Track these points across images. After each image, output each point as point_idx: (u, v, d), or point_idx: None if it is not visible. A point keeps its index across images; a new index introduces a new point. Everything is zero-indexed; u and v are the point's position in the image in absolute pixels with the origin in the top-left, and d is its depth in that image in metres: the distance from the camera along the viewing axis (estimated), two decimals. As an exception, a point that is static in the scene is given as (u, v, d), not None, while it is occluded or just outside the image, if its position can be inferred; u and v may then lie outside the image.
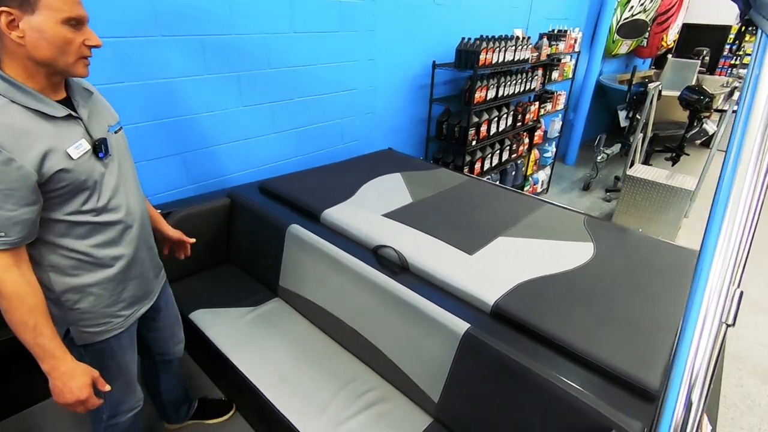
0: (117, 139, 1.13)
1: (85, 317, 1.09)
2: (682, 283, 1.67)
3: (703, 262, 0.47)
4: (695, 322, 0.46)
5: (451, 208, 2.12)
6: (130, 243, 1.14)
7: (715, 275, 0.46)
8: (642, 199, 3.66)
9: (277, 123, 2.52)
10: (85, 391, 1.02)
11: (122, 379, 1.23)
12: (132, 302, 1.19)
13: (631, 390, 1.22)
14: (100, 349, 1.15)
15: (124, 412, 1.28)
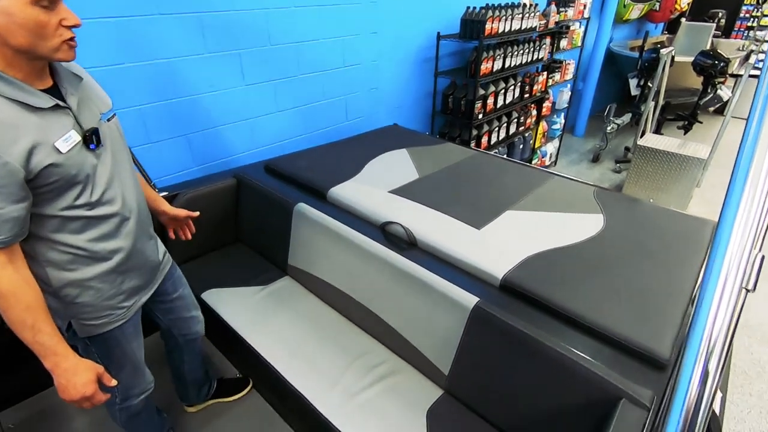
0: (110, 127, 1.07)
1: (87, 310, 1.08)
2: (693, 253, 1.65)
3: (724, 226, 0.46)
4: (714, 287, 0.45)
5: (458, 182, 2.10)
6: (127, 236, 1.10)
7: (736, 239, 0.44)
8: (653, 169, 3.60)
9: (280, 101, 2.49)
10: (90, 387, 1.00)
11: (129, 366, 1.24)
12: (133, 293, 1.17)
13: (642, 359, 1.23)
14: (104, 340, 1.15)
15: (135, 396, 1.31)
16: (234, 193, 2.15)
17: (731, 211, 0.45)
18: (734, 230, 0.45)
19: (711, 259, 0.46)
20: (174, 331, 1.45)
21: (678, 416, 0.45)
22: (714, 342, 0.45)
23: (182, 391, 1.68)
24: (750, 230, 0.44)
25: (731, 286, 0.45)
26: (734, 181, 0.46)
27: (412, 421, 1.38)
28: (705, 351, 0.45)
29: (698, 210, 3.96)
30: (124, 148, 1.14)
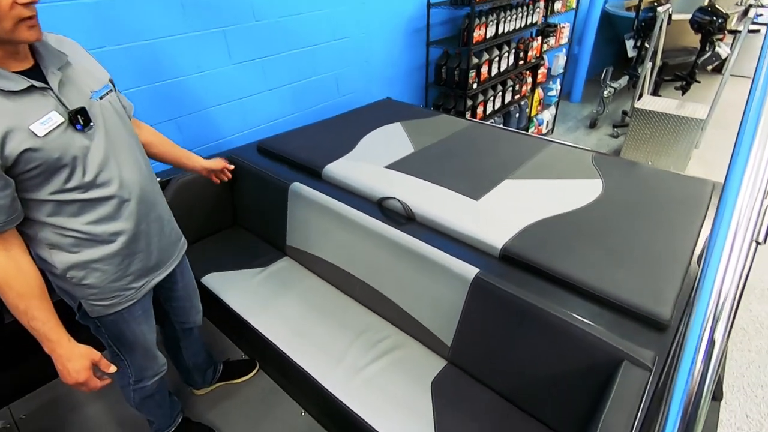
0: (103, 105, 1.02)
1: (94, 292, 1.08)
2: (693, 213, 1.64)
3: (734, 174, 0.44)
4: (724, 240, 0.43)
5: (454, 154, 2.07)
6: (129, 218, 1.07)
7: (747, 188, 0.43)
8: (651, 131, 3.55)
9: (270, 79, 2.43)
10: (82, 374, 1.01)
11: (140, 348, 1.25)
12: (142, 274, 1.16)
13: (643, 321, 1.23)
14: (113, 321, 1.15)
15: (149, 377, 1.33)
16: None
17: (741, 159, 0.44)
18: (744, 179, 0.43)
19: (720, 211, 0.44)
20: (172, 318, 1.46)
21: (687, 373, 0.45)
22: (724, 298, 0.44)
23: (186, 376, 1.70)
24: (761, 178, 0.43)
25: (741, 239, 0.43)
26: (744, 126, 0.44)
27: (417, 393, 1.40)
28: (714, 307, 0.44)
29: (697, 171, 3.93)
30: (123, 127, 1.08)
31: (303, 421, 1.66)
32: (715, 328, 0.44)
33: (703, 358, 0.44)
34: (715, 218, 0.46)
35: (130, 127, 1.12)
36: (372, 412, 1.33)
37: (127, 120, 1.12)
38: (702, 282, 0.45)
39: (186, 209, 1.39)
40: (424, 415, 1.34)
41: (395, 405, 1.36)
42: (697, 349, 0.44)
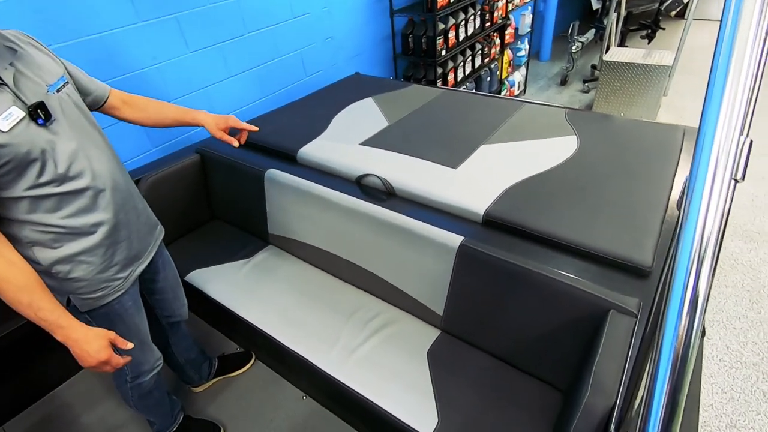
0: (62, 98, 1.00)
1: (82, 285, 1.08)
2: (667, 160, 1.67)
3: (709, 115, 0.43)
4: (704, 180, 0.43)
5: (429, 124, 2.05)
6: (107, 208, 1.07)
7: (723, 127, 0.42)
8: (620, 83, 3.58)
9: (231, 65, 2.34)
10: (104, 353, 1.02)
11: (136, 341, 1.24)
12: (126, 264, 1.16)
13: (626, 270, 1.26)
14: (104, 314, 1.15)
15: (146, 372, 1.32)
16: (200, 169, 2.06)
17: (716, 97, 0.43)
18: (720, 117, 0.42)
19: (698, 151, 0.44)
20: (157, 312, 1.44)
21: (676, 315, 0.45)
22: (708, 237, 0.44)
23: (182, 374, 1.68)
24: (736, 116, 0.42)
25: (721, 177, 0.43)
26: (716, 64, 0.43)
27: (414, 365, 1.42)
28: (699, 246, 0.44)
29: (667, 117, 4.00)
30: (85, 118, 1.07)
31: (305, 404, 1.67)
32: (701, 269, 0.44)
33: (691, 298, 0.44)
34: (693, 159, 0.45)
35: (92, 118, 1.11)
36: (371, 388, 1.35)
37: (88, 112, 1.11)
38: (684, 224, 0.45)
39: (160, 207, 1.35)
40: (423, 385, 1.36)
41: (394, 379, 1.38)
42: (684, 290, 0.45)
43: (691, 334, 0.44)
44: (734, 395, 1.83)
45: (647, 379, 0.48)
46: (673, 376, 0.45)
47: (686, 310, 0.44)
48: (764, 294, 2.26)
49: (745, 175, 0.42)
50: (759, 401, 1.81)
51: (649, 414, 0.47)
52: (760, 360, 1.95)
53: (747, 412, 1.77)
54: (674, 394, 0.45)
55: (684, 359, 0.45)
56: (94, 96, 1.20)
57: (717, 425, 1.74)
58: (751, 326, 2.11)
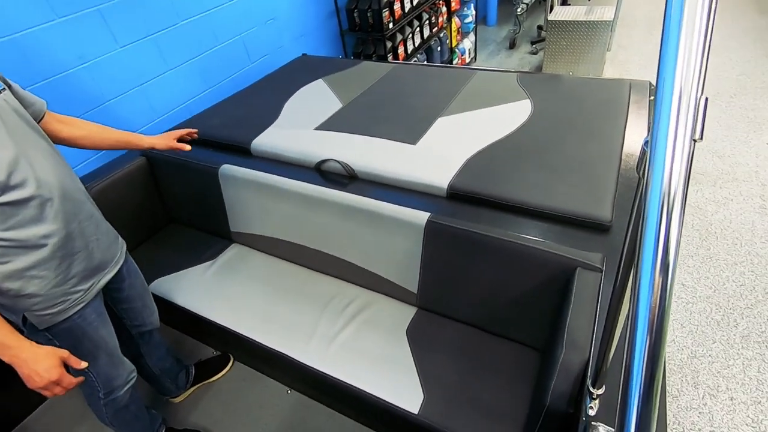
0: (0, 104, 0.95)
1: (37, 301, 1.02)
2: (616, 115, 1.71)
3: (665, 75, 0.43)
4: (665, 145, 0.43)
5: (383, 102, 2.01)
6: (56, 218, 1.01)
7: (678, 88, 0.42)
8: (566, 42, 3.63)
9: (169, 57, 2.19)
10: (54, 372, 0.97)
11: (103, 355, 1.19)
12: (86, 275, 1.10)
13: (588, 227, 1.30)
14: (66, 329, 1.09)
15: (120, 387, 1.27)
16: (148, 172, 1.95)
17: (670, 59, 0.42)
18: (676, 78, 0.42)
19: (657, 114, 0.44)
20: (126, 322, 1.38)
21: (650, 272, 0.46)
22: (672, 203, 0.44)
23: (158, 386, 1.63)
24: (692, 76, 0.42)
25: (683, 140, 0.43)
26: (668, 26, 0.42)
27: (394, 345, 1.43)
28: (665, 214, 0.44)
29: (613, 72, 4.12)
30: (28, 125, 1.02)
31: (291, 398, 1.66)
32: (669, 233, 0.44)
33: (661, 264, 0.45)
34: (653, 123, 0.45)
35: (35, 125, 1.05)
36: (354, 375, 1.35)
37: (30, 118, 1.04)
38: (648, 190, 0.45)
39: (111, 217, 1.26)
40: (405, 364, 1.37)
41: (376, 362, 1.39)
42: (654, 259, 0.45)
43: (666, 291, 0.45)
44: (692, 328, 1.97)
45: (627, 342, 0.49)
46: (651, 341, 0.46)
47: (659, 277, 0.45)
48: (711, 231, 2.41)
49: (703, 134, 0.43)
50: (714, 330, 1.95)
51: (631, 376, 0.48)
52: (713, 293, 2.10)
53: (704, 342, 1.91)
54: (653, 359, 0.47)
55: (661, 322, 0.46)
56: (34, 109, 1.13)
57: (680, 358, 1.87)
58: (702, 263, 2.25)
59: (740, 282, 2.13)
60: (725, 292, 2.10)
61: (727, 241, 2.34)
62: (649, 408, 0.49)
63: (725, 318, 1.99)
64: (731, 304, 2.04)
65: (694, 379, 1.79)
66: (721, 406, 1.70)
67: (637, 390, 0.49)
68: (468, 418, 1.22)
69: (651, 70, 4.12)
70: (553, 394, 0.97)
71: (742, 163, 2.85)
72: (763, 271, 2.17)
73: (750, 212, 2.49)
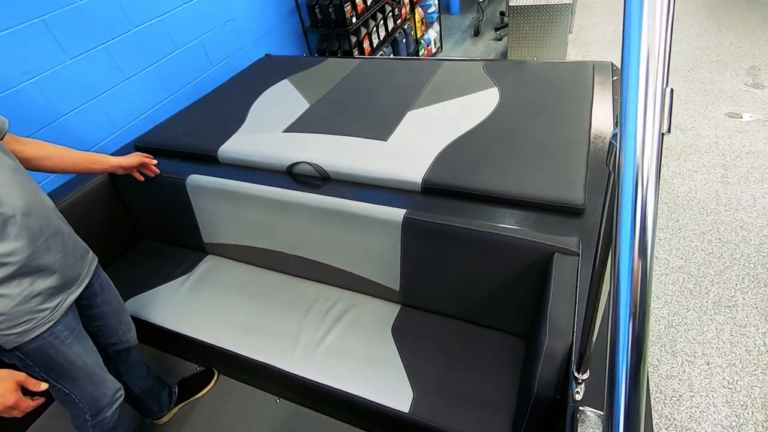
0: None
1: (1, 320, 0.99)
2: (582, 98, 1.74)
3: (630, 68, 0.42)
4: (633, 145, 0.43)
5: (352, 98, 1.98)
6: (18, 236, 0.98)
7: (645, 77, 0.41)
8: (529, 26, 3.66)
9: (123, 66, 2.10)
10: (9, 397, 0.95)
11: (83, 374, 1.15)
12: (53, 293, 1.06)
13: (562, 212, 1.32)
14: (36, 349, 1.05)
15: (107, 407, 1.22)
16: (112, 188, 1.87)
17: (634, 51, 0.42)
18: (641, 68, 0.41)
19: (623, 111, 0.43)
20: (101, 340, 1.32)
21: (628, 259, 0.46)
22: (645, 198, 0.44)
23: (141, 408, 1.57)
24: (658, 65, 0.41)
25: (651, 134, 0.43)
26: (630, 12, 0.42)
27: (380, 346, 1.42)
28: (639, 209, 0.44)
29: (576, 54, 4.19)
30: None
31: (281, 407, 1.64)
32: (645, 225, 0.44)
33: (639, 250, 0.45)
34: (621, 118, 0.44)
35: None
36: (343, 379, 1.34)
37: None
38: (620, 186, 0.45)
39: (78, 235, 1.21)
40: (393, 363, 1.37)
41: (363, 364, 1.38)
42: (631, 254, 0.45)
43: (645, 283, 0.45)
44: (667, 299, 2.03)
45: (610, 325, 0.50)
46: (635, 325, 0.47)
47: (637, 256, 0.45)
48: (679, 203, 2.49)
49: (671, 127, 0.42)
50: (687, 299, 2.02)
51: (616, 359, 0.49)
52: (684, 263, 2.17)
53: (679, 311, 1.98)
54: (638, 340, 0.47)
55: (643, 309, 0.46)
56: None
57: (658, 329, 1.93)
58: (673, 234, 2.32)
59: (709, 250, 2.21)
60: (695, 261, 2.17)
61: (694, 212, 2.42)
62: (637, 389, 0.49)
63: (697, 286, 2.06)
64: (702, 272, 2.11)
65: (672, 348, 1.85)
66: (699, 371, 1.76)
67: (624, 372, 0.49)
68: (459, 411, 1.23)
69: (612, 49, 4.21)
70: (539, 381, 0.98)
71: (702, 135, 2.95)
72: (729, 237, 2.26)
73: (713, 182, 2.59)
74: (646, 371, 0.49)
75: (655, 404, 1.70)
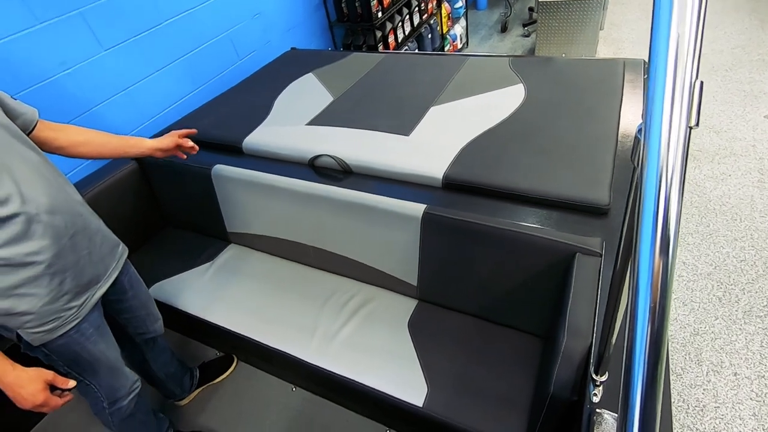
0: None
1: (29, 319, 0.99)
2: (611, 96, 1.69)
3: (657, 61, 0.40)
4: (659, 131, 0.41)
5: (375, 93, 1.98)
6: (44, 234, 0.97)
7: (674, 68, 0.40)
8: (558, 23, 3.58)
9: (153, 59, 2.16)
10: (39, 396, 0.96)
11: (103, 368, 1.18)
12: (79, 291, 1.07)
13: (586, 212, 1.29)
14: (62, 345, 1.07)
15: (123, 397, 1.26)
16: (141, 176, 1.92)
17: (662, 43, 0.40)
18: (669, 62, 0.40)
19: (650, 100, 0.41)
20: (130, 330, 1.36)
21: (649, 255, 0.44)
22: (669, 193, 0.42)
23: (163, 390, 1.62)
24: (687, 56, 0.40)
25: (678, 127, 0.41)
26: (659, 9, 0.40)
27: (396, 339, 1.43)
28: (663, 204, 0.42)
29: (606, 51, 4.07)
30: (13, 135, 0.97)
31: (296, 395, 1.66)
32: (668, 225, 0.43)
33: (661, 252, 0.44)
34: (646, 110, 0.43)
35: (21, 136, 1.00)
36: (358, 370, 1.35)
37: (15, 129, 1.00)
38: (644, 182, 0.43)
39: (106, 223, 1.25)
40: (408, 357, 1.37)
41: (379, 356, 1.38)
42: (652, 258, 0.44)
43: (665, 282, 0.44)
44: (694, 306, 1.97)
45: (627, 327, 0.48)
46: (653, 326, 0.45)
47: (658, 274, 0.44)
48: (710, 208, 2.39)
49: (699, 121, 0.41)
50: (716, 307, 1.95)
51: (633, 362, 0.47)
52: (714, 270, 2.09)
53: (706, 319, 1.91)
54: (656, 343, 0.46)
55: (663, 306, 0.44)
56: (24, 119, 1.08)
57: (682, 336, 1.87)
58: (702, 240, 2.24)
59: (741, 257, 2.12)
60: (726, 268, 2.09)
61: (727, 217, 2.33)
62: (654, 394, 0.48)
63: (727, 294, 1.99)
64: (732, 280, 2.04)
65: (698, 357, 1.79)
66: (725, 381, 1.70)
67: (640, 376, 0.48)
68: (473, 408, 1.22)
69: (646, 48, 4.07)
70: (556, 382, 0.97)
71: (739, 137, 2.83)
72: (764, 245, 2.16)
73: (749, 187, 2.48)
74: (663, 375, 0.48)
75: (677, 413, 1.65)
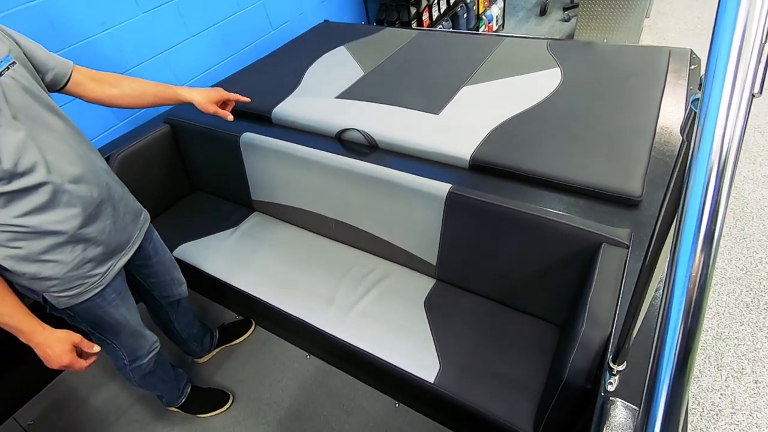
0: (5, 83, 0.88)
1: (54, 283, 1.02)
2: (653, 85, 1.62)
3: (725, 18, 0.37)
4: (719, 98, 0.38)
5: (406, 70, 1.95)
6: (69, 203, 0.98)
7: (741, 31, 0.36)
8: (601, 8, 3.42)
9: (190, 23, 2.17)
10: (65, 357, 1.00)
11: (124, 330, 1.22)
12: (103, 259, 1.09)
13: (615, 202, 1.25)
14: (86, 309, 1.11)
15: (143, 356, 1.31)
16: (172, 140, 1.96)
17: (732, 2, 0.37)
18: (738, 21, 0.36)
19: (711, 63, 0.38)
20: (155, 293, 1.41)
21: (691, 243, 0.42)
22: (724, 165, 0.40)
23: (185, 347, 1.69)
24: (758, 17, 0.36)
25: (740, 95, 0.38)
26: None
27: (412, 316, 1.44)
28: (715, 177, 0.40)
29: (651, 40, 3.89)
30: (40, 102, 0.95)
31: (310, 362, 1.71)
32: (718, 199, 0.40)
33: (705, 233, 0.41)
34: (706, 73, 0.40)
35: (48, 101, 0.99)
36: (372, 342, 1.37)
37: (41, 93, 0.97)
38: (697, 151, 0.40)
39: (134, 185, 1.28)
40: (422, 334, 1.38)
41: (393, 331, 1.40)
42: (698, 224, 0.41)
43: (705, 273, 0.41)
44: (719, 310, 1.91)
45: (659, 323, 0.47)
46: (687, 324, 0.43)
47: (700, 248, 0.41)
48: (747, 211, 2.30)
49: (762, 89, 0.38)
50: (742, 312, 1.89)
51: (662, 353, 0.46)
52: (744, 274, 2.02)
53: (731, 324, 1.85)
54: (688, 335, 0.44)
55: (698, 304, 0.42)
56: (55, 73, 1.06)
57: (704, 339, 1.82)
58: (735, 243, 2.16)
59: (775, 264, 2.04)
60: (758, 274, 2.01)
61: (764, 222, 2.23)
62: (680, 390, 0.46)
63: (755, 300, 1.92)
64: (763, 287, 1.96)
65: (718, 361, 1.75)
66: (745, 388, 1.66)
67: (669, 368, 0.46)
68: (483, 388, 1.23)
69: (692, 38, 3.87)
70: (571, 368, 0.96)
71: (785, 139, 2.68)
72: (801, 253, 2.07)
73: (791, 192, 2.36)
74: (692, 370, 0.46)
75: (691, 416, 1.63)
